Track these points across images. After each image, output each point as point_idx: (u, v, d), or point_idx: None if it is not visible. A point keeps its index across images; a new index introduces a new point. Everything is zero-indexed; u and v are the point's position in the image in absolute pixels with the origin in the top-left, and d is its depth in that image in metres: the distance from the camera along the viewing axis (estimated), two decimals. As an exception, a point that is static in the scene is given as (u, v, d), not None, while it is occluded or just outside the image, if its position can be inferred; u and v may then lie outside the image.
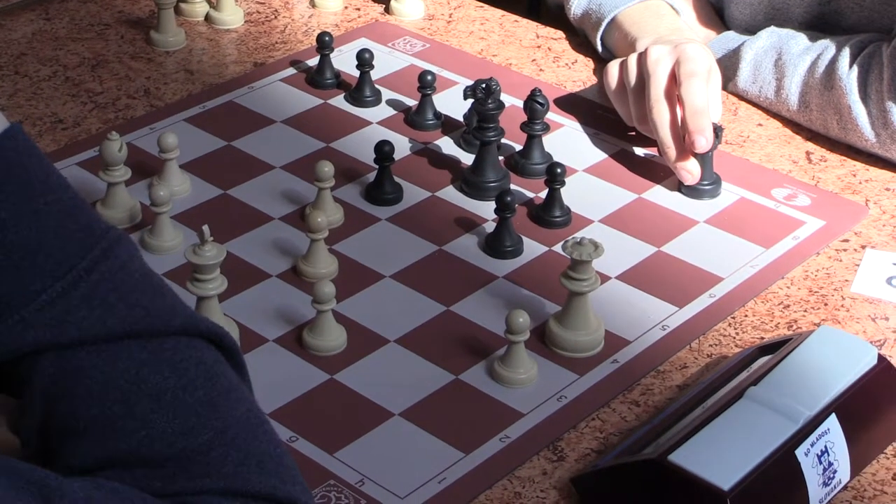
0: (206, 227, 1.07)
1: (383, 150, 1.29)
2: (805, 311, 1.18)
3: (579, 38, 1.61)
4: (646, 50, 1.34)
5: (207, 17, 1.64)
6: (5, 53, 1.56)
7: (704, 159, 1.32)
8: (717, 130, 1.31)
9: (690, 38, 1.38)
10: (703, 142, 1.28)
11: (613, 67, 1.39)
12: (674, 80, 1.31)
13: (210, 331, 0.78)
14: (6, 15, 1.64)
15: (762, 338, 1.14)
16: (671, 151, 1.31)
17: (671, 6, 1.48)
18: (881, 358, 1.03)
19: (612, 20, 1.48)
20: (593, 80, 1.53)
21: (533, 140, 1.35)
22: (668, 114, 1.31)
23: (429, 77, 1.41)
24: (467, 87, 1.35)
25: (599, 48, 1.52)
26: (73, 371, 0.74)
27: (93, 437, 0.74)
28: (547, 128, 1.35)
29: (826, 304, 1.19)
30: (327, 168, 1.24)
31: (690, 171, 1.30)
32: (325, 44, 1.48)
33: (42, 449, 0.76)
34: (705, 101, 1.29)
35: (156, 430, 0.73)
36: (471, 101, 1.34)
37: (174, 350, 0.76)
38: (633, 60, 1.36)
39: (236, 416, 0.76)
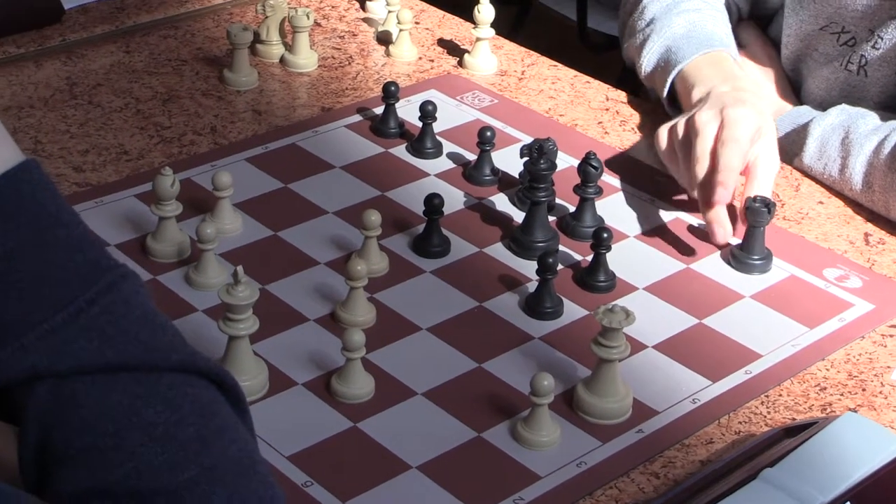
0: (240, 268, 1.09)
1: (433, 204, 1.29)
2: (841, 394, 1.16)
3: (650, 102, 1.61)
4: (693, 114, 1.35)
5: (282, 60, 1.66)
6: (83, 83, 1.59)
7: (756, 233, 1.31)
8: (770, 206, 1.30)
9: (741, 90, 1.38)
10: (723, 193, 1.30)
11: (663, 131, 1.39)
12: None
13: (210, 369, 0.79)
14: (88, 45, 1.68)
15: (794, 419, 1.13)
16: (704, 207, 1.32)
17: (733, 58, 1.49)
18: (906, 448, 1.01)
19: (679, 74, 1.48)
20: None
21: (585, 203, 1.35)
22: (706, 170, 1.31)
23: (488, 133, 1.42)
24: (524, 146, 1.35)
25: (665, 104, 1.51)
26: (67, 400, 0.75)
27: (84, 466, 0.75)
28: (600, 191, 1.35)
29: (864, 390, 1.17)
30: (374, 217, 1.25)
31: (722, 225, 1.32)
32: (390, 93, 1.50)
33: (37, 476, 0.77)
34: (738, 164, 1.31)
35: (144, 463, 0.74)
36: (526, 159, 1.34)
37: (170, 386, 0.76)
38: (681, 123, 1.36)
39: (228, 455, 0.76)
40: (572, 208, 1.37)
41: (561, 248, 1.33)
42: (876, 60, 1.48)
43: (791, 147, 1.45)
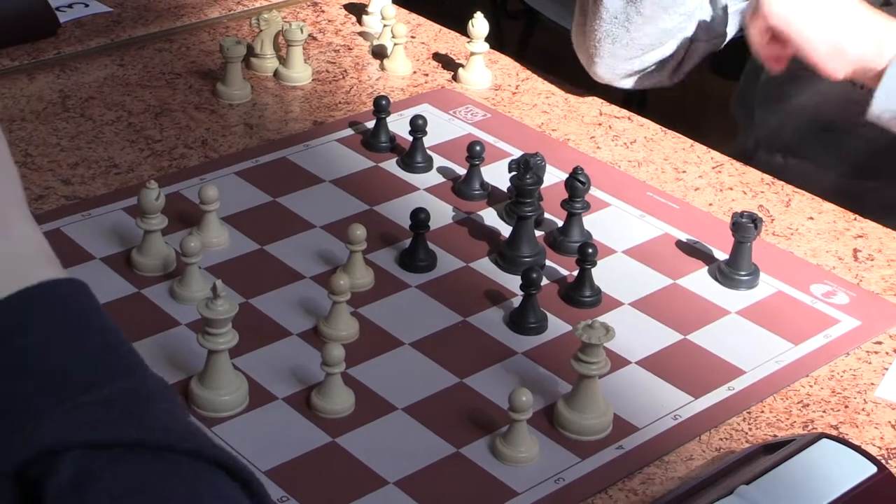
0: (219, 282, 1.09)
1: (418, 218, 1.29)
2: (824, 411, 1.16)
3: (642, 117, 1.61)
4: None
5: (276, 73, 1.66)
6: (75, 96, 1.60)
7: (743, 249, 1.30)
8: (757, 221, 1.29)
9: None
10: None
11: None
12: None
13: (236, 469, 0.75)
14: (83, 58, 1.68)
15: (775, 435, 1.12)
16: None
17: None
18: (882, 471, 1.00)
19: None
20: (650, 160, 1.52)
21: (573, 218, 1.35)
22: None
23: (477, 147, 1.42)
24: (512, 161, 1.35)
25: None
26: (86, 475, 0.74)
27: None
28: (587, 206, 1.35)
29: (847, 407, 1.16)
30: (359, 231, 1.25)
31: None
32: (381, 107, 1.50)
33: None
34: None
35: None
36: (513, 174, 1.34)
37: (189, 468, 0.74)
38: None
39: None
40: (561, 223, 1.37)
41: (548, 262, 1.33)
42: None
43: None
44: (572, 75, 1.70)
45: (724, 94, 2.29)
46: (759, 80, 1.70)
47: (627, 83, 1.62)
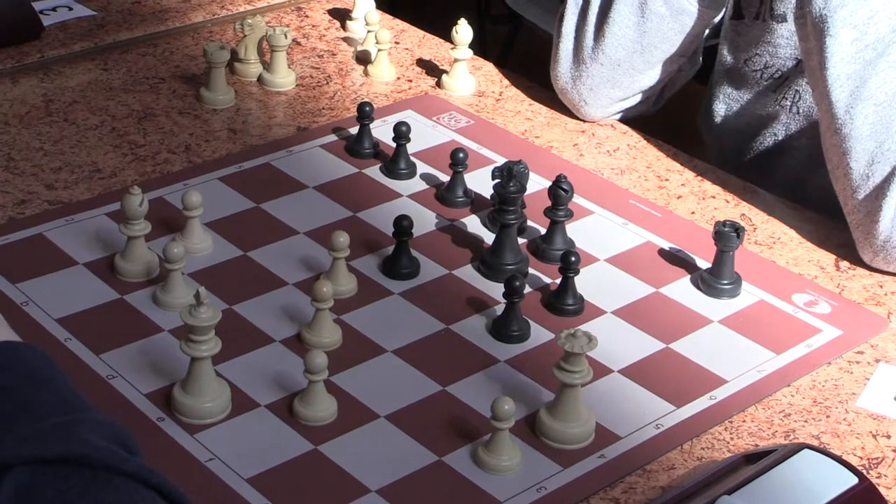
0: (202, 289, 1.09)
1: (401, 225, 1.29)
2: (805, 421, 1.16)
3: (624, 125, 1.61)
4: None
5: (260, 79, 1.66)
6: (59, 100, 1.60)
7: (725, 258, 1.31)
8: (739, 230, 1.30)
9: None
10: None
11: None
12: None
13: (167, 489, 0.78)
14: (66, 62, 1.68)
15: (757, 445, 1.13)
16: None
17: None
18: (863, 481, 1.01)
19: None
20: (633, 167, 1.53)
21: (556, 226, 1.35)
22: None
23: (460, 155, 1.42)
24: (495, 168, 1.35)
25: None
26: (33, 486, 0.76)
27: None
28: (570, 214, 1.35)
29: (828, 416, 1.17)
30: (342, 238, 1.25)
31: None
32: (364, 113, 1.50)
33: None
34: None
35: None
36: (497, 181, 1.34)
37: (127, 486, 0.77)
38: None
39: None
40: (544, 231, 1.37)
41: (531, 271, 1.33)
42: (809, 96, 1.51)
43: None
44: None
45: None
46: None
47: (615, 118, 1.63)
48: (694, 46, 1.57)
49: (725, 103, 1.66)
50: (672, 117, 1.78)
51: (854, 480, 1.00)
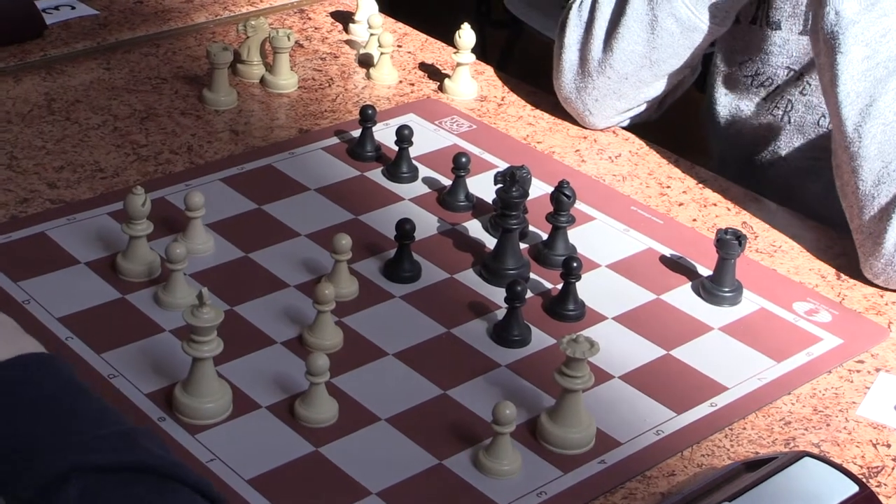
0: (204, 290, 1.09)
1: (404, 229, 1.30)
2: (806, 429, 1.16)
3: (627, 132, 1.62)
4: None
5: (262, 80, 1.66)
6: (61, 99, 1.60)
7: (727, 265, 1.31)
8: (741, 238, 1.30)
9: None
10: None
11: None
12: None
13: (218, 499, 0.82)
14: (69, 61, 1.68)
15: (757, 452, 1.13)
16: None
17: None
18: (864, 490, 1.01)
19: None
20: (635, 174, 1.53)
21: (558, 231, 1.35)
22: None
23: (463, 159, 1.42)
24: (497, 173, 1.36)
25: None
26: (95, 492, 0.78)
27: None
28: (572, 220, 1.35)
29: (828, 425, 1.17)
30: (344, 241, 1.25)
31: None
32: (367, 116, 1.50)
33: None
34: None
35: None
36: (499, 186, 1.35)
37: (185, 494, 0.79)
38: None
39: None
40: (545, 236, 1.37)
41: (532, 276, 1.33)
42: (802, 107, 1.51)
43: None
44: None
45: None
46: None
47: (618, 126, 1.63)
48: (699, 59, 1.57)
49: (722, 108, 1.66)
50: (674, 124, 1.79)
51: (855, 489, 1.00)
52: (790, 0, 1.55)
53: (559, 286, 1.29)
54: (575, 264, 1.25)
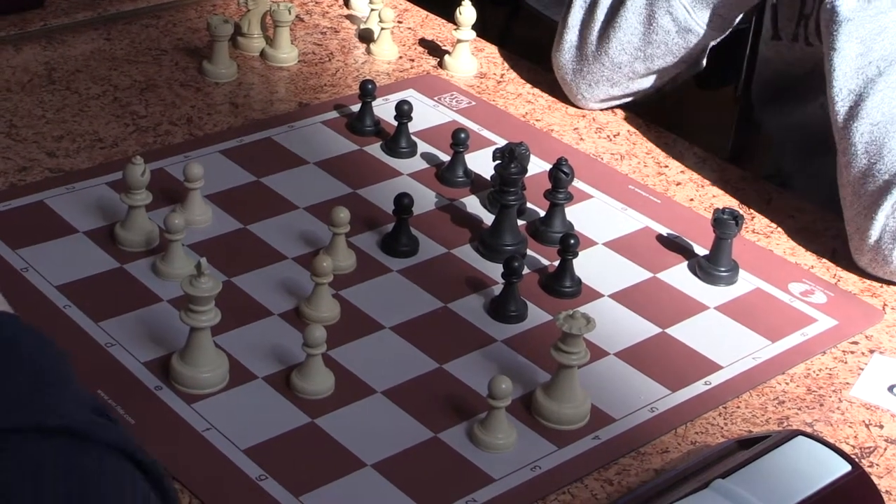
0: (203, 260, 1.09)
1: (402, 203, 1.30)
2: (799, 409, 1.17)
3: (625, 111, 1.62)
4: None
5: (262, 54, 1.66)
6: (61, 68, 1.60)
7: (723, 245, 1.31)
8: (738, 218, 1.30)
9: None
10: None
11: None
12: None
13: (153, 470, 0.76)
14: (69, 31, 1.68)
15: (750, 431, 1.13)
16: None
17: None
18: (856, 469, 1.02)
19: None
20: (633, 153, 1.53)
21: (555, 208, 1.35)
22: None
23: (462, 135, 1.42)
24: (496, 149, 1.36)
25: None
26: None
27: None
28: (570, 197, 1.35)
29: (821, 405, 1.17)
30: (342, 214, 1.25)
31: None
32: (367, 91, 1.50)
33: None
34: None
35: None
36: (497, 162, 1.35)
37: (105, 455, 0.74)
38: None
39: None
40: (543, 213, 1.38)
41: (529, 252, 1.33)
42: None
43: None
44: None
45: (707, 90, 2.30)
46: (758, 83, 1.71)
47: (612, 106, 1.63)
48: (696, 58, 1.56)
49: (770, 111, 1.66)
50: (673, 105, 1.79)
51: (847, 468, 1.01)
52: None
53: (556, 263, 1.30)
54: (572, 241, 1.26)
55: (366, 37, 1.73)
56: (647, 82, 1.57)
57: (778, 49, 1.60)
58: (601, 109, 1.61)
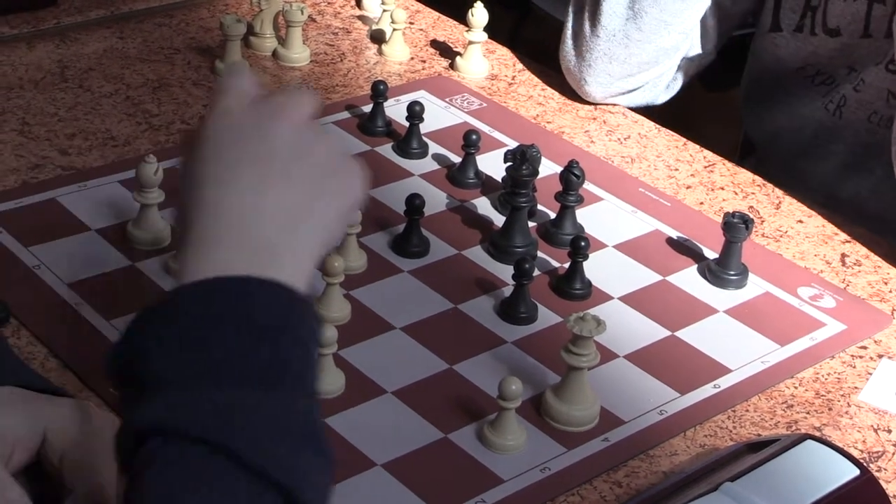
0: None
1: (413, 204, 1.30)
2: (808, 413, 1.17)
3: (636, 113, 1.62)
4: None
5: (275, 53, 1.67)
6: (74, 66, 1.60)
7: (733, 249, 1.32)
8: (748, 222, 1.30)
9: None
10: None
11: None
12: None
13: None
14: (82, 29, 1.69)
15: (759, 434, 1.14)
16: None
17: None
18: (865, 473, 1.02)
19: None
20: (643, 156, 1.54)
21: (566, 210, 1.36)
22: None
23: (473, 136, 1.43)
24: (508, 151, 1.36)
25: None
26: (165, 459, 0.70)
27: None
28: (581, 199, 1.36)
29: (830, 409, 1.18)
30: (354, 215, 1.25)
31: None
32: (379, 92, 1.50)
33: None
34: None
35: None
36: (509, 164, 1.35)
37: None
38: None
39: None
40: (553, 215, 1.38)
41: (539, 254, 1.34)
42: (854, 103, 1.51)
43: None
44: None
45: (718, 93, 2.30)
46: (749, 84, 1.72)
47: (619, 101, 1.63)
48: (690, 24, 1.57)
49: (764, 104, 1.66)
50: (683, 108, 1.79)
51: (856, 472, 1.01)
52: (847, 7, 1.53)
53: (566, 265, 1.30)
54: (583, 243, 1.26)
55: (378, 37, 1.73)
56: (645, 54, 1.57)
57: (774, 41, 1.60)
58: (609, 100, 1.61)
